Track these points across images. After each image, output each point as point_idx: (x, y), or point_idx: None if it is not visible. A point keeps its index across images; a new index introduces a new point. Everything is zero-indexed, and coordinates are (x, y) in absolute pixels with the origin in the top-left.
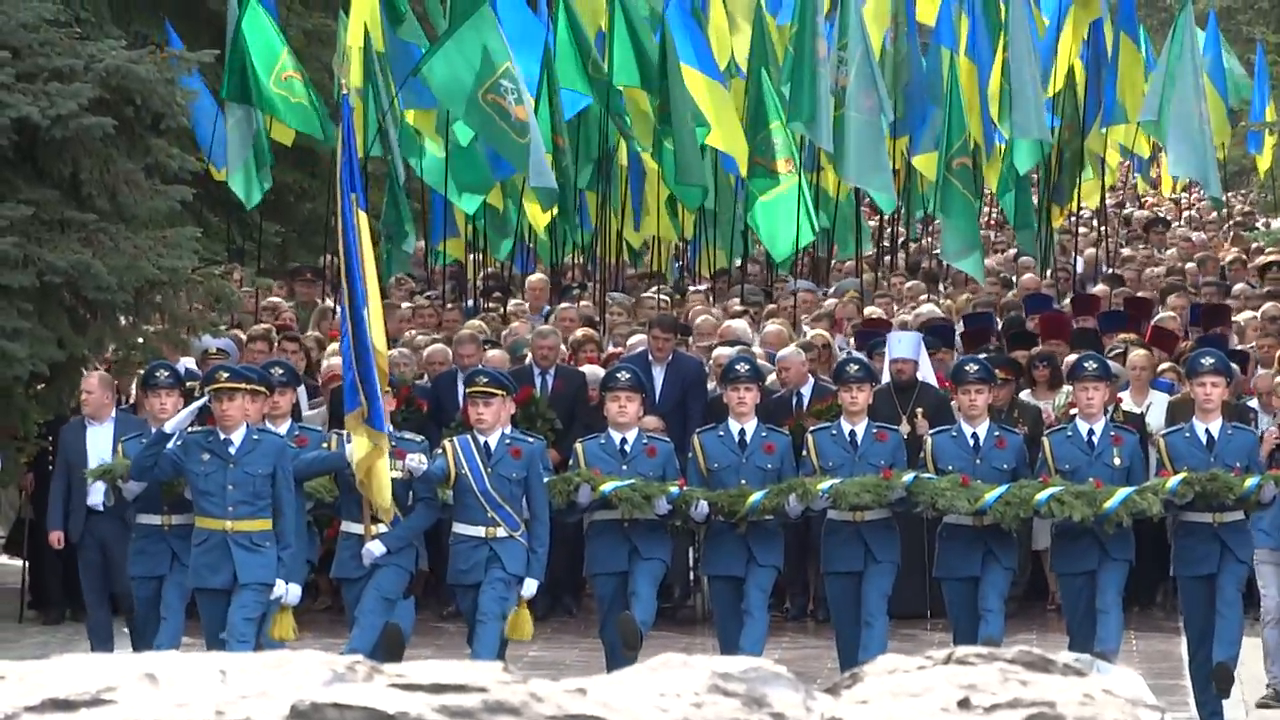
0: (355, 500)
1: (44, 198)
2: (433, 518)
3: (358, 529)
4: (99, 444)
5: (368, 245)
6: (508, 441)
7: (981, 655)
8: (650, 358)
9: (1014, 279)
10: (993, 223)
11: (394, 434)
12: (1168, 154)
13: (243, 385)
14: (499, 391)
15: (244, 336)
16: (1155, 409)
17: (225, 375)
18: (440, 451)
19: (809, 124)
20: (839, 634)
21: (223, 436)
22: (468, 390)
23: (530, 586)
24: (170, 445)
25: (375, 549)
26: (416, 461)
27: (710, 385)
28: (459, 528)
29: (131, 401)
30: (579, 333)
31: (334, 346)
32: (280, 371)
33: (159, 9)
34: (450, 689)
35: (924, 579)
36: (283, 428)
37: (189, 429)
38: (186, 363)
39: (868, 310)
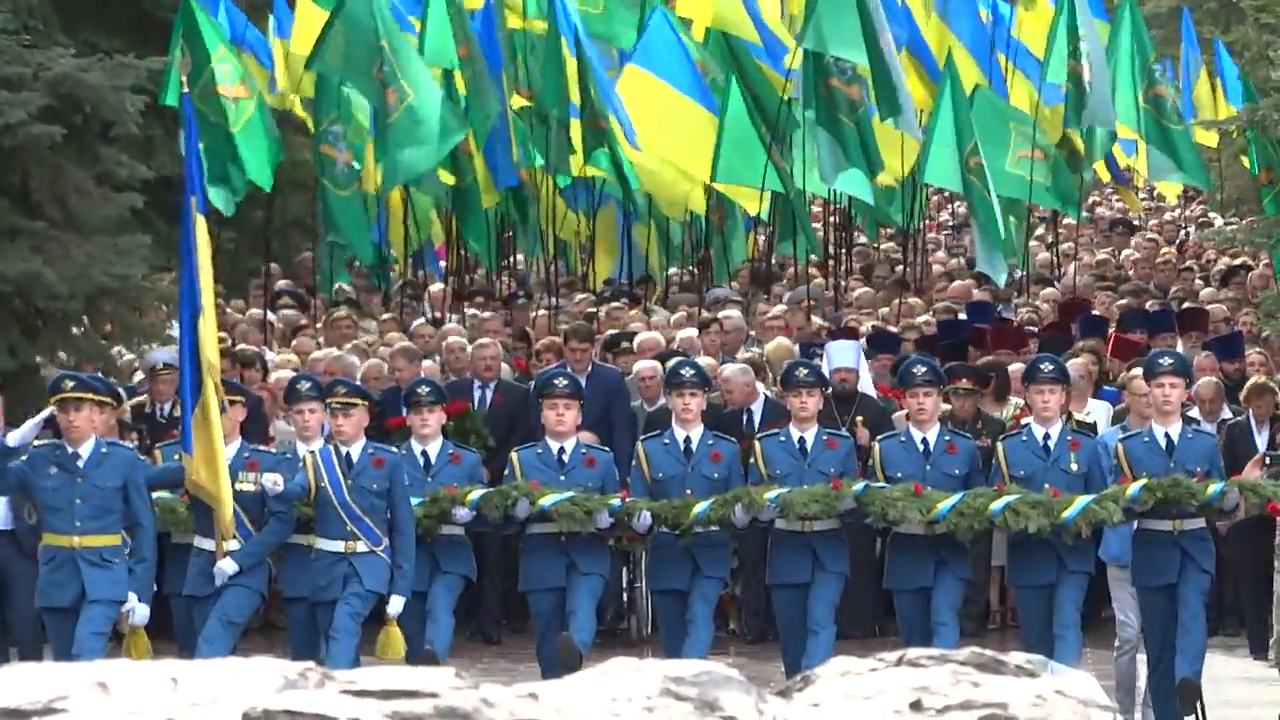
0: (208, 516)
1: None
2: (286, 534)
3: (209, 545)
4: None
5: (204, 252)
6: (370, 451)
7: (933, 657)
8: (569, 369)
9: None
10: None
11: (249, 445)
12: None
13: (89, 395)
14: (358, 402)
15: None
16: (1094, 419)
17: (71, 384)
18: (301, 465)
19: (899, 118)
20: (785, 647)
21: (70, 449)
22: (327, 401)
23: (396, 604)
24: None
25: (227, 567)
26: (271, 483)
27: (636, 402)
28: (319, 542)
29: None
30: (544, 341)
31: (281, 358)
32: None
33: (107, 18)
34: (401, 695)
35: (874, 594)
36: (232, 446)
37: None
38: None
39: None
